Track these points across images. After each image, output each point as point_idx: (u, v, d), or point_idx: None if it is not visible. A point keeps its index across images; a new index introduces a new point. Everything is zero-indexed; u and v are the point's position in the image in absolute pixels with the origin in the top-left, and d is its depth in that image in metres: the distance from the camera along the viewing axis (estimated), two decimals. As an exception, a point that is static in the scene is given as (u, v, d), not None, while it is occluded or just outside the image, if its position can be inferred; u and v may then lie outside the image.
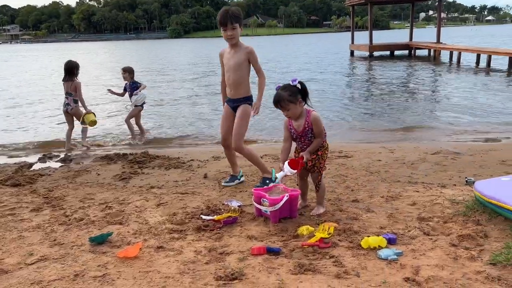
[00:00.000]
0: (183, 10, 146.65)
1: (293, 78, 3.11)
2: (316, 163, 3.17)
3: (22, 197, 3.86)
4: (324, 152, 3.20)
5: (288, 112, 3.08)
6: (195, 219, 3.14)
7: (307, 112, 3.09)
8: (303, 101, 3.09)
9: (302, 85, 3.07)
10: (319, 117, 3.10)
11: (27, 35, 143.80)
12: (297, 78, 3.09)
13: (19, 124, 8.95)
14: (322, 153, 3.17)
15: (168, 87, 14.79)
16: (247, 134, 4.10)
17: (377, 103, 10.11)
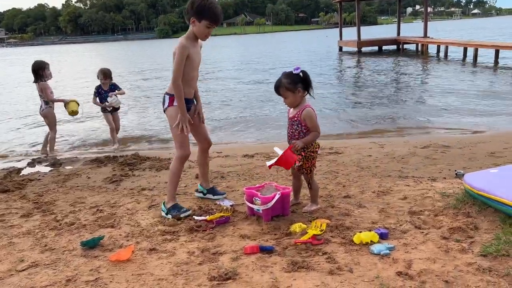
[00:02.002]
0: (171, 10, 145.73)
1: (296, 66, 3.03)
2: (303, 164, 3.10)
3: (11, 203, 3.81)
4: (308, 153, 3.09)
5: (286, 100, 3.06)
6: (187, 220, 3.12)
7: (304, 106, 3.05)
8: (305, 91, 3.02)
9: (305, 75, 2.99)
10: (311, 114, 3.03)
11: (13, 39, 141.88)
12: (299, 67, 3.01)
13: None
14: (306, 154, 3.07)
15: (155, 86, 14.72)
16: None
17: (366, 99, 10.17)
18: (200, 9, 2.99)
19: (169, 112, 3.22)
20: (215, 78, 16.95)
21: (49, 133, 6.18)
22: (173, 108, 3.17)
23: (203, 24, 3.04)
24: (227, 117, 8.87)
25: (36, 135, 7.82)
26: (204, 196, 3.65)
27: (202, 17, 3.01)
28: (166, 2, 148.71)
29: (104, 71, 6.29)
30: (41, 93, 5.96)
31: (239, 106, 10.12)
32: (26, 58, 41.64)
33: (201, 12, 3.00)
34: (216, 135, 7.31)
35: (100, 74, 6.28)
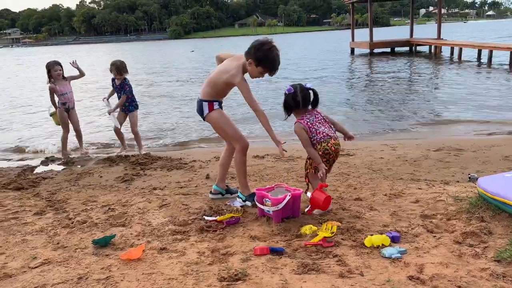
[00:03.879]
0: (183, 11, 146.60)
1: (288, 87, 3.16)
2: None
3: (25, 200, 3.86)
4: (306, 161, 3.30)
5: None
6: (198, 220, 3.13)
7: (296, 120, 3.20)
8: (300, 108, 3.17)
9: (292, 94, 3.13)
10: (296, 129, 3.17)
11: (28, 39, 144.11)
12: (290, 88, 3.15)
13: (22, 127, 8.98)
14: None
15: (169, 86, 14.81)
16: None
17: (378, 100, 10.10)
18: (263, 57, 3.09)
19: (211, 118, 3.36)
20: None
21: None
22: (213, 112, 3.33)
23: (259, 70, 3.15)
24: (236, 116, 8.87)
25: (52, 133, 7.92)
26: (223, 197, 3.68)
27: (261, 64, 3.11)
28: (178, 3, 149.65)
29: (117, 65, 5.66)
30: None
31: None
32: (40, 57, 42.30)
33: (262, 60, 3.10)
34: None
35: (113, 69, 5.68)
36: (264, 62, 3.10)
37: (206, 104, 3.32)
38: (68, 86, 5.85)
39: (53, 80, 5.79)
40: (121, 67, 5.66)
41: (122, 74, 5.68)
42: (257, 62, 3.10)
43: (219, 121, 3.36)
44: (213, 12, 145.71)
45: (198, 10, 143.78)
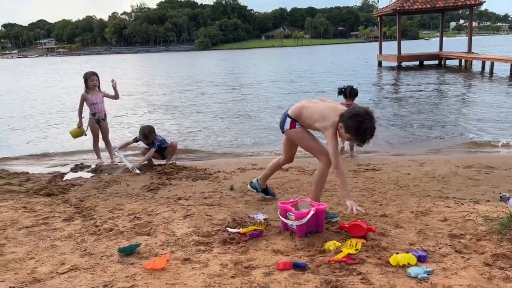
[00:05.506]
0: (211, 22, 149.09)
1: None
2: None
3: (55, 206, 3.98)
4: None
5: None
6: (221, 231, 3.15)
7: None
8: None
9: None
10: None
11: (62, 48, 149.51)
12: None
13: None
14: None
15: (205, 98, 15.03)
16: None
17: (405, 114, 9.93)
18: (353, 128, 3.03)
19: (293, 135, 3.44)
20: (252, 87, 17.12)
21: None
22: (295, 130, 3.40)
23: (347, 136, 3.15)
24: (266, 128, 8.90)
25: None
26: (256, 194, 3.97)
27: (350, 133, 3.08)
28: (207, 15, 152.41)
29: (144, 134, 5.65)
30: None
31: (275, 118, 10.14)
32: (76, 66, 43.74)
33: (352, 130, 3.05)
34: (250, 147, 7.37)
35: (141, 137, 5.69)
36: (353, 132, 3.06)
37: (290, 121, 3.40)
38: (100, 97, 6.03)
39: (88, 90, 5.99)
40: (149, 135, 5.68)
41: (148, 139, 5.71)
42: (347, 129, 3.08)
43: (301, 137, 3.43)
44: (241, 24, 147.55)
45: (226, 22, 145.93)
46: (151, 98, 15.82)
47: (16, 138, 9.14)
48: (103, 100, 6.10)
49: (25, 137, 9.18)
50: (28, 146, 8.21)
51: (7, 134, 9.63)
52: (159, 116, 11.37)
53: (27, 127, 10.35)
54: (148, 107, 13.36)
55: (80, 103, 6.02)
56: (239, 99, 14.38)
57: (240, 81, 21.76)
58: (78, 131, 6.04)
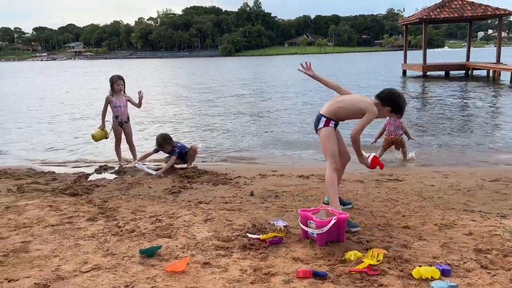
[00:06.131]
0: (235, 29, 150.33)
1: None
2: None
3: (79, 206, 4.06)
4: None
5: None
6: (241, 236, 3.15)
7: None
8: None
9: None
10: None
11: (89, 52, 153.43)
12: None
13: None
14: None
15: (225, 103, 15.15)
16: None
17: (430, 125, 9.75)
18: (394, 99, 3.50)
19: (323, 133, 3.56)
20: (277, 95, 17.15)
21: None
22: (327, 129, 3.55)
23: (389, 114, 3.57)
24: (284, 135, 8.89)
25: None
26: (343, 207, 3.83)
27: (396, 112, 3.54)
28: (231, 22, 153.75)
29: (158, 142, 5.81)
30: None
31: (298, 125, 10.12)
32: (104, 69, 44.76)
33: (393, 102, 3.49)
34: (271, 154, 7.37)
35: (156, 145, 5.85)
36: (391, 102, 3.49)
37: (325, 119, 3.55)
38: (124, 101, 6.15)
39: (113, 93, 6.12)
40: (163, 143, 5.77)
41: (165, 148, 5.81)
42: (384, 103, 3.48)
43: (327, 138, 3.54)
44: (264, 31, 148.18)
45: (250, 29, 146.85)
46: (174, 101, 16.04)
47: (52, 138, 9.40)
48: (127, 103, 6.21)
49: (63, 138, 9.43)
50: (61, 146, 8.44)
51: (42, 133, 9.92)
52: (178, 121, 11.50)
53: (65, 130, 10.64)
54: (171, 110, 13.54)
55: (104, 105, 6.15)
56: (262, 106, 14.41)
57: (265, 87, 21.83)
58: (101, 133, 6.16)
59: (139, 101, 6.19)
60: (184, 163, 5.98)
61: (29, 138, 9.39)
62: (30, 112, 14.02)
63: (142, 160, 5.93)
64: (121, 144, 6.32)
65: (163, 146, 5.81)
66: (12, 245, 3.05)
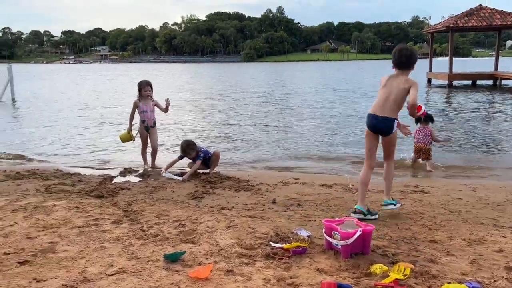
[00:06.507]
0: (258, 35, 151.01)
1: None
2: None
3: (104, 208, 4.13)
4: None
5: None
6: (264, 245, 3.14)
7: None
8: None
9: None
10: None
11: (115, 56, 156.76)
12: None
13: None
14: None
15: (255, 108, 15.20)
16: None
17: (457, 135, 9.53)
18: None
19: (395, 134, 3.93)
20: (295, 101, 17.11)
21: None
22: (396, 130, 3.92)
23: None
24: (308, 143, 8.84)
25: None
26: (365, 218, 3.79)
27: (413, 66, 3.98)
28: (253, 28, 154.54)
29: (183, 148, 5.89)
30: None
31: (322, 135, 10.05)
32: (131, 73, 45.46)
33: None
34: (294, 161, 7.33)
35: (181, 152, 5.95)
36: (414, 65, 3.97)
37: (396, 122, 3.85)
38: (151, 106, 6.27)
39: (141, 98, 6.25)
40: (187, 149, 5.84)
41: (190, 154, 5.86)
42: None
43: (396, 138, 3.94)
44: (287, 37, 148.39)
45: (272, 35, 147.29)
46: (201, 106, 16.18)
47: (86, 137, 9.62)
48: (154, 108, 6.32)
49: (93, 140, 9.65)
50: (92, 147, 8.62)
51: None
52: (203, 125, 11.59)
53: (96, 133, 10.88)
54: (198, 115, 13.66)
55: (132, 110, 6.28)
56: (285, 113, 14.38)
57: (287, 95, 21.82)
58: (127, 136, 6.32)
59: (166, 107, 6.30)
60: (206, 169, 6.02)
61: (58, 138, 9.63)
62: (66, 113, 14.38)
63: (168, 168, 5.99)
64: (146, 148, 6.44)
65: (187, 152, 5.87)
66: (40, 245, 3.11)
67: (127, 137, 6.32)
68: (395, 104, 3.81)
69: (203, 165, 5.98)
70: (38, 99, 19.46)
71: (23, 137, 9.96)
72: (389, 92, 3.83)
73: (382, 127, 3.83)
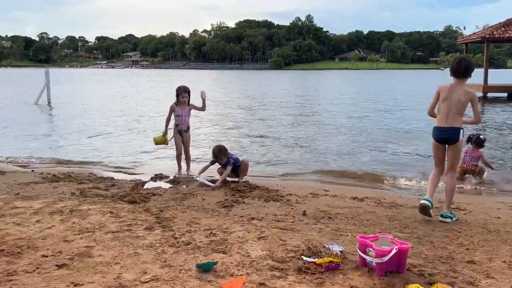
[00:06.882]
0: (286, 43, 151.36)
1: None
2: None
3: (137, 214, 4.19)
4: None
5: None
6: (296, 258, 3.10)
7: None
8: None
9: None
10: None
11: (145, 61, 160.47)
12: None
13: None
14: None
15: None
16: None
17: (492, 152, 9.20)
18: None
19: (460, 144, 4.28)
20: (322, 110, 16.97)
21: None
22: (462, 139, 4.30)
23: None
24: (343, 153, 8.74)
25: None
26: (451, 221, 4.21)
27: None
28: (282, 36, 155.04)
29: (214, 153, 5.95)
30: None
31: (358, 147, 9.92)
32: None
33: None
34: (323, 173, 7.26)
35: (213, 157, 6.01)
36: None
37: (462, 132, 4.23)
38: (187, 111, 6.46)
39: (177, 102, 6.44)
40: (218, 154, 5.89)
41: (221, 159, 5.90)
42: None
43: (461, 147, 4.32)
44: (315, 45, 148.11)
45: (301, 42, 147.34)
46: (232, 114, 16.31)
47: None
48: (189, 113, 6.50)
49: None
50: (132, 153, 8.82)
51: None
52: (232, 133, 11.65)
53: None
54: (226, 124, 13.76)
55: (169, 114, 6.49)
56: (317, 123, 14.30)
57: (323, 103, 21.71)
58: (161, 139, 6.52)
59: (202, 102, 6.43)
60: (235, 177, 6.04)
61: (91, 141, 9.90)
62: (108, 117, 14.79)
63: (201, 172, 6.05)
64: (182, 154, 6.56)
65: (219, 157, 5.93)
66: (77, 248, 3.19)
67: (161, 140, 6.50)
68: (458, 115, 4.20)
69: (232, 173, 6.01)
70: (72, 103, 20.08)
71: (58, 140, 10.29)
72: (451, 106, 4.20)
73: (448, 136, 4.23)
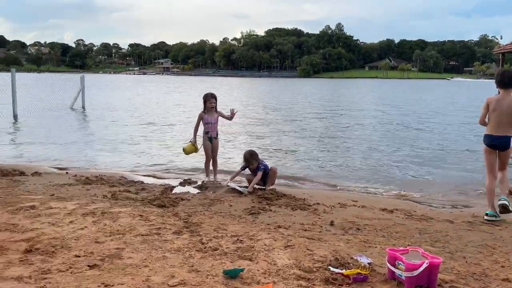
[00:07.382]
0: (315, 51, 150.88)
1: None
2: None
3: (166, 218, 4.26)
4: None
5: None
6: (323, 269, 3.08)
7: None
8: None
9: None
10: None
11: (176, 68, 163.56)
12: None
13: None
14: None
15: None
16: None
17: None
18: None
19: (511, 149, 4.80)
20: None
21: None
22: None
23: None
24: (367, 165, 8.62)
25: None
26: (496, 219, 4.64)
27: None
28: (311, 44, 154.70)
29: (246, 158, 6.01)
30: None
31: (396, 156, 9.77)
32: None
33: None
34: (350, 181, 7.17)
35: (244, 161, 6.07)
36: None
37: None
38: (215, 118, 6.49)
39: (205, 110, 6.48)
40: (250, 159, 5.96)
41: (252, 164, 5.96)
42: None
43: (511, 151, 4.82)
44: (345, 53, 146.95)
45: (330, 51, 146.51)
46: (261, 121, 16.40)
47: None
48: (218, 120, 6.52)
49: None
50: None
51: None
52: (261, 141, 11.69)
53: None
54: (252, 131, 13.83)
55: (197, 122, 6.55)
56: (349, 131, 14.17)
57: (356, 114, 21.53)
58: (191, 148, 6.55)
59: (231, 114, 6.48)
60: (263, 185, 6.05)
61: (123, 146, 10.16)
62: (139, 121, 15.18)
63: (233, 178, 6.11)
64: (210, 160, 6.63)
65: (250, 161, 5.98)
66: (107, 250, 3.27)
67: (191, 149, 6.55)
68: (509, 125, 4.69)
69: (260, 180, 6.02)
70: (106, 109, 20.68)
71: (91, 143, 10.61)
72: (502, 115, 4.71)
73: (499, 144, 4.76)
